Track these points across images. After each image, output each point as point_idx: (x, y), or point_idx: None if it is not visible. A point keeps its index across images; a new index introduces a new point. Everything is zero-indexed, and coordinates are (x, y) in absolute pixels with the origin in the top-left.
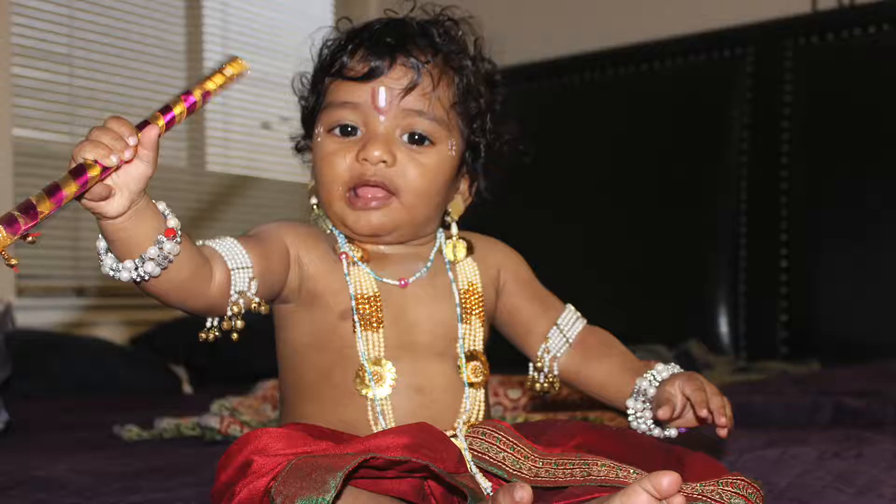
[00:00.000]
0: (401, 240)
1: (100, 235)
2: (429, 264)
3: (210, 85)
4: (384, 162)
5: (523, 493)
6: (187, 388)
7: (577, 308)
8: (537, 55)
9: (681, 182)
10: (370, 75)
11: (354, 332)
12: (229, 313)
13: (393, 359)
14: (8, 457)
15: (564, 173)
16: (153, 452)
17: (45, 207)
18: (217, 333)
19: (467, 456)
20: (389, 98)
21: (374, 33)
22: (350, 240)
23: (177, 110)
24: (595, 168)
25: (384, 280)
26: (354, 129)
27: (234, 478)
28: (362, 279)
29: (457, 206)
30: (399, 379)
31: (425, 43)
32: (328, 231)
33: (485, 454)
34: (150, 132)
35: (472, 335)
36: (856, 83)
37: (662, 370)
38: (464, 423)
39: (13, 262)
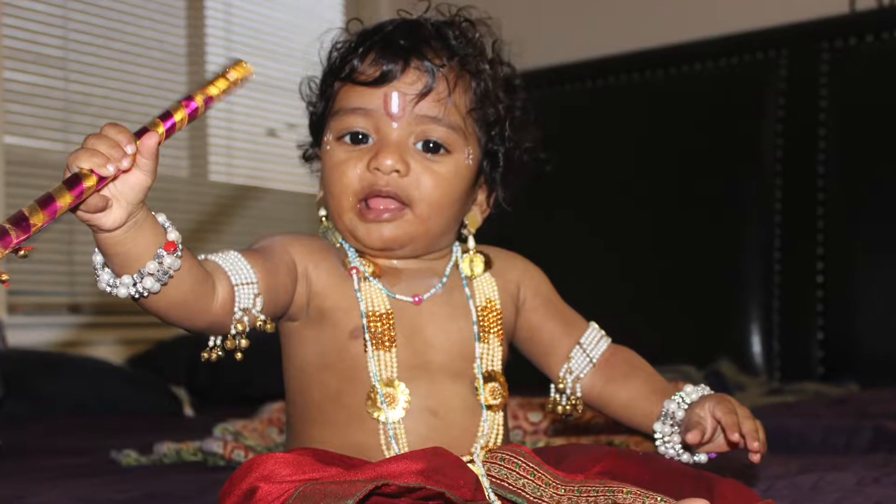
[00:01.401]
0: (415, 254)
1: (96, 249)
2: (444, 280)
3: (213, 90)
4: (397, 171)
5: None
6: (188, 411)
7: (601, 326)
8: (559, 58)
9: (710, 192)
10: (382, 79)
11: (365, 351)
12: (233, 331)
13: (406, 380)
14: None
15: (587, 183)
16: (153, 479)
17: (37, 220)
18: (220, 353)
19: (485, 483)
20: (402, 104)
21: (387, 35)
22: (361, 254)
23: (177, 117)
24: (620, 177)
25: (397, 296)
26: (366, 136)
27: None
28: (374, 295)
29: (474, 218)
30: (413, 401)
31: (440, 45)
32: (338, 244)
33: (504, 481)
34: (150, 140)
35: (491, 355)
36: None
37: (691, 392)
38: (481, 448)
39: (4, 277)
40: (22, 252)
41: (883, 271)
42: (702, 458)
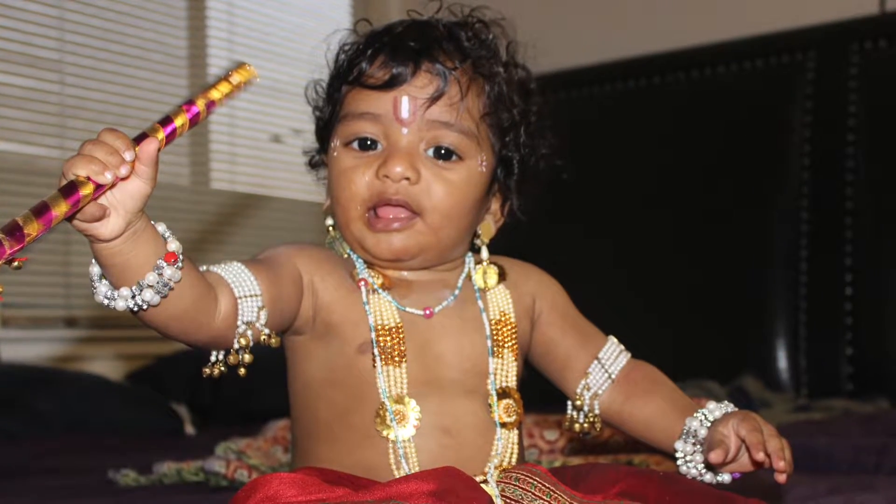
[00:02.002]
0: (426, 265)
1: (93, 260)
2: (456, 292)
3: (215, 94)
4: (407, 179)
5: None
6: (190, 429)
7: (620, 340)
8: (576, 61)
9: (734, 200)
10: (392, 83)
11: (374, 366)
12: (236, 346)
13: (417, 396)
14: None
15: (606, 191)
16: (152, 500)
17: (32, 229)
18: (223, 368)
19: None
20: (413, 108)
21: (396, 37)
22: (369, 265)
23: (178, 122)
24: (640, 185)
25: (407, 309)
26: (374, 142)
27: None
28: (383, 308)
29: (487, 228)
30: (424, 419)
31: (452, 47)
32: (345, 255)
33: (518, 502)
34: (149, 146)
35: (505, 370)
36: None
37: (714, 409)
38: (495, 468)
39: None
40: (16, 263)
41: None
42: (725, 478)
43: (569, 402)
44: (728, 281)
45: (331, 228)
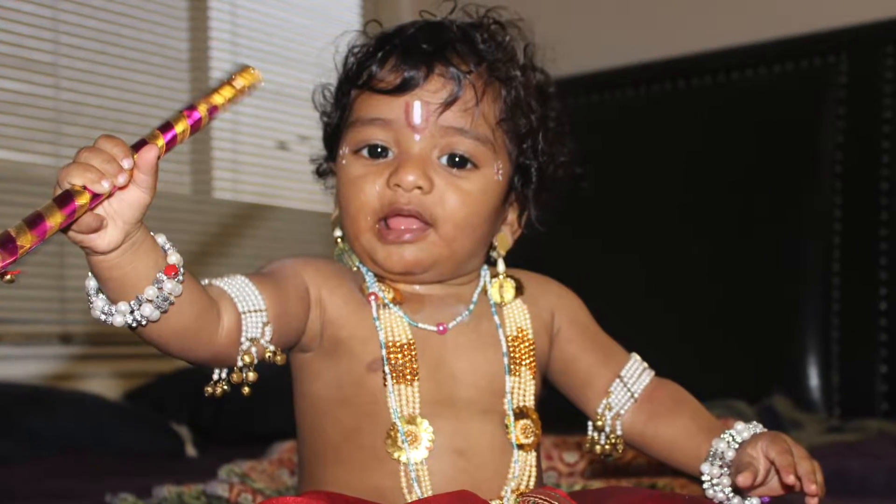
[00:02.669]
0: (439, 278)
1: (89, 273)
2: (471, 307)
3: (217, 98)
4: (419, 188)
5: None
6: (191, 451)
7: (644, 358)
8: (597, 64)
9: (763, 211)
10: (403, 87)
11: (385, 385)
12: (240, 364)
13: (430, 416)
14: None
15: (629, 201)
16: None
17: (25, 241)
18: (226, 387)
19: None
20: (426, 114)
21: (408, 38)
22: (380, 278)
23: (179, 128)
24: (664, 194)
25: (419, 325)
26: (385, 149)
27: None
28: (394, 324)
29: (504, 240)
30: (437, 440)
31: (467, 50)
32: (354, 268)
33: None
34: (148, 153)
35: (522, 389)
36: None
37: (742, 430)
38: (512, 491)
39: None
40: (8, 277)
41: None
42: (754, 502)
43: (589, 423)
44: (756, 294)
45: (339, 240)
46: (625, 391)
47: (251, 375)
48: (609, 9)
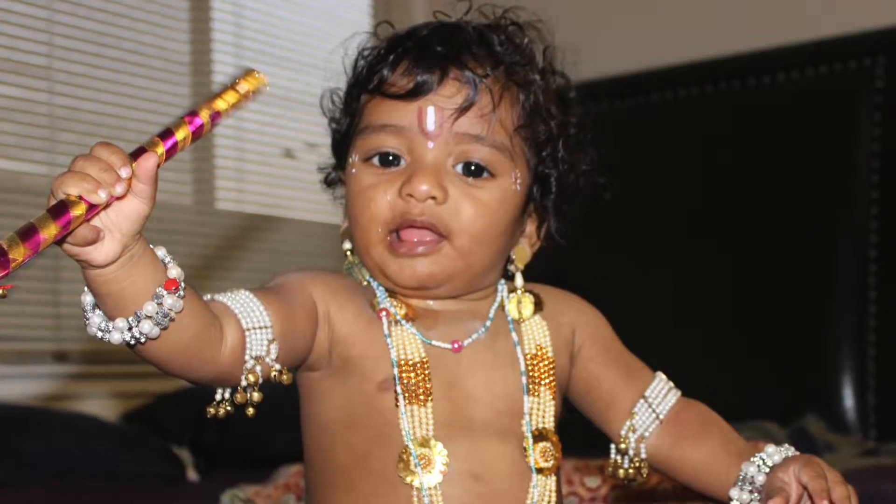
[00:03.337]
0: (454, 293)
1: (85, 288)
2: (488, 323)
3: (220, 104)
4: (433, 198)
5: None
6: (192, 475)
7: (669, 376)
8: (620, 67)
9: (795, 222)
10: (416, 92)
11: (397, 406)
12: (244, 383)
13: (444, 439)
14: None
15: (653, 211)
16: None
17: (18, 254)
18: (229, 408)
19: None
20: (440, 120)
21: (421, 41)
22: (392, 293)
23: (180, 135)
24: (690, 204)
25: (433, 343)
26: (397, 157)
27: None
28: (406, 342)
29: (522, 253)
30: (451, 464)
31: (483, 52)
32: (365, 283)
33: None
34: (147, 162)
35: (541, 410)
36: None
37: (773, 453)
38: None
39: None
40: (0, 291)
41: None
42: None
43: (612, 446)
44: (788, 309)
45: (349, 253)
46: (650, 412)
47: (256, 396)
48: (633, 8)
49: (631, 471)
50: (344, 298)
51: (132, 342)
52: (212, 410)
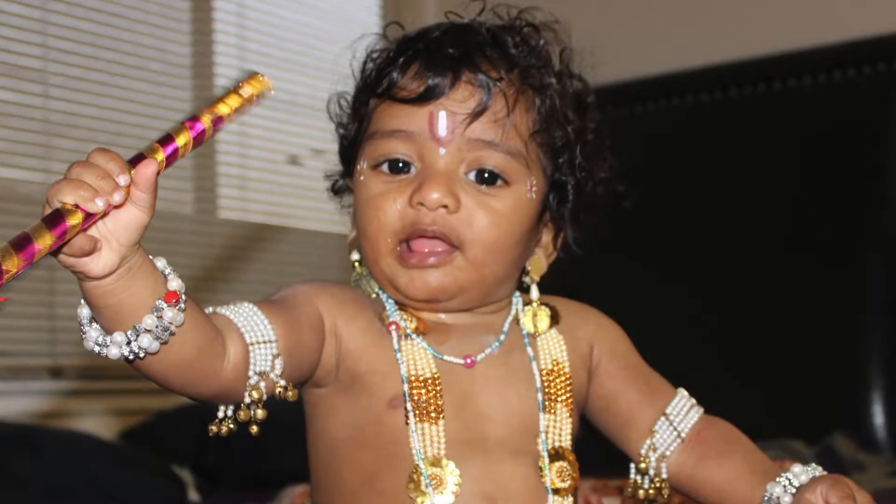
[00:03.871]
0: (466, 306)
1: (82, 301)
2: (502, 337)
3: (223, 108)
4: (445, 207)
5: None
6: (194, 496)
7: (691, 393)
8: (640, 71)
9: (822, 232)
10: (427, 96)
11: (407, 424)
12: (248, 400)
13: (456, 458)
14: None
15: (674, 220)
16: None
17: (12, 265)
18: (232, 426)
19: None
20: (452, 125)
21: (433, 43)
22: (402, 306)
23: (180, 141)
24: (712, 213)
25: (445, 358)
26: (407, 164)
27: None
28: (417, 356)
29: (537, 264)
30: (464, 484)
31: (497, 55)
32: (374, 295)
33: None
34: (147, 169)
35: (558, 428)
36: None
37: (800, 473)
38: None
39: None
40: None
41: None
42: None
43: (632, 465)
44: (815, 323)
45: (357, 264)
46: (671, 430)
47: (260, 413)
48: (653, 9)
49: (651, 491)
50: (352, 311)
51: (131, 357)
52: (214, 428)
